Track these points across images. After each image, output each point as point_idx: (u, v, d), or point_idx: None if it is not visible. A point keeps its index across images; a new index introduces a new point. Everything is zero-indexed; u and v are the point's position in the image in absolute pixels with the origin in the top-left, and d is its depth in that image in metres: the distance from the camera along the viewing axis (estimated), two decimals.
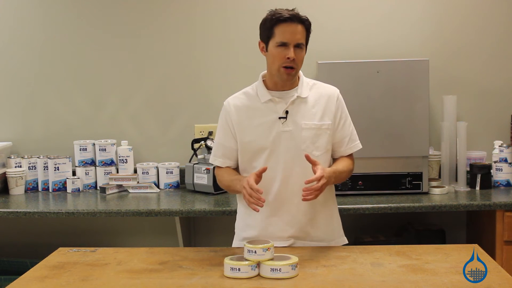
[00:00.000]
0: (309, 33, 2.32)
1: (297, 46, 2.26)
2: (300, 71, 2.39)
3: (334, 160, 2.45)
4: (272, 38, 2.27)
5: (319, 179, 2.16)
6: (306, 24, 2.28)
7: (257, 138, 2.34)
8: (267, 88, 2.36)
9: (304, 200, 2.18)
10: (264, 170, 2.22)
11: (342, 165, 2.37)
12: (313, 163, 2.21)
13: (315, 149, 2.33)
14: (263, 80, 2.39)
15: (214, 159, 2.45)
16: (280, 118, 2.32)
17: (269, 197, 2.33)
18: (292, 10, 2.28)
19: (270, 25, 2.27)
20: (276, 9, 2.29)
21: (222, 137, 2.42)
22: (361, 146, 2.45)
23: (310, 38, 2.35)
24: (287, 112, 2.33)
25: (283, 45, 2.25)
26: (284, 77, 2.30)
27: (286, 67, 2.27)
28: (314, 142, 2.33)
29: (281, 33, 2.25)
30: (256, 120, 2.34)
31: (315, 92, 2.38)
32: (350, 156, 2.45)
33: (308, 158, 2.21)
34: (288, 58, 2.24)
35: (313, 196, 2.17)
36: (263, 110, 2.35)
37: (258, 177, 2.22)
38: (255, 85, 2.41)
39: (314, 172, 2.19)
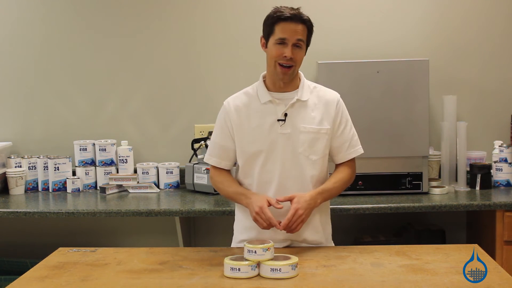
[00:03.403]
0: (311, 33, 2.31)
1: (297, 45, 2.25)
2: (301, 73, 2.39)
3: (336, 166, 2.45)
4: (272, 35, 2.27)
5: (290, 219, 2.21)
6: (307, 24, 2.27)
7: (255, 139, 2.33)
8: (267, 88, 2.36)
9: (288, 232, 2.25)
10: (276, 202, 2.26)
11: (334, 180, 2.37)
12: (287, 200, 2.26)
13: (312, 153, 2.33)
14: (263, 81, 2.38)
15: (209, 158, 2.44)
16: (278, 120, 2.32)
17: None
18: (296, 9, 2.27)
19: (271, 22, 2.28)
20: (280, 7, 2.28)
21: (219, 137, 2.41)
22: (362, 152, 2.43)
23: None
24: (286, 114, 2.32)
25: (282, 42, 2.25)
26: (280, 75, 2.29)
27: (282, 66, 2.26)
28: (311, 146, 2.32)
29: (280, 30, 2.25)
30: (255, 122, 2.33)
31: (315, 96, 2.36)
32: (349, 162, 2.43)
33: (280, 200, 2.26)
34: (285, 56, 2.24)
35: (295, 229, 2.24)
36: (262, 111, 2.33)
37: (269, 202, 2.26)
38: (255, 85, 2.39)
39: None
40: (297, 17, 2.25)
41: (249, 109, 2.35)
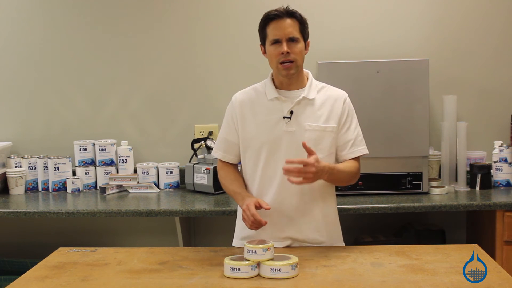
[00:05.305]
0: (304, 25, 2.31)
1: (291, 40, 2.26)
2: (310, 73, 2.40)
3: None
4: (266, 38, 2.31)
5: (304, 163, 2.12)
6: (296, 16, 2.28)
7: (259, 135, 2.34)
8: (275, 86, 2.37)
9: (290, 181, 2.13)
10: (267, 208, 2.23)
11: (343, 165, 2.35)
12: (309, 152, 2.17)
13: (318, 151, 2.31)
14: (272, 78, 2.39)
15: (216, 151, 2.47)
16: (284, 117, 2.32)
17: (267, 196, 2.34)
18: (283, 7, 2.29)
19: (262, 27, 2.32)
20: (269, 11, 2.31)
21: (226, 131, 2.43)
22: (366, 152, 2.42)
23: (310, 38, 2.35)
24: (291, 112, 2.33)
25: (276, 42, 2.27)
26: (283, 73, 2.30)
27: (283, 63, 2.27)
28: (317, 144, 2.31)
29: (272, 31, 2.28)
30: (260, 117, 2.35)
31: (323, 95, 2.37)
32: (354, 160, 2.41)
33: (304, 146, 2.17)
34: (282, 53, 2.25)
35: (302, 180, 2.13)
36: (268, 107, 2.35)
37: (258, 205, 2.24)
38: (264, 82, 2.41)
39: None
40: (283, 13, 2.27)
41: (255, 105, 2.37)
